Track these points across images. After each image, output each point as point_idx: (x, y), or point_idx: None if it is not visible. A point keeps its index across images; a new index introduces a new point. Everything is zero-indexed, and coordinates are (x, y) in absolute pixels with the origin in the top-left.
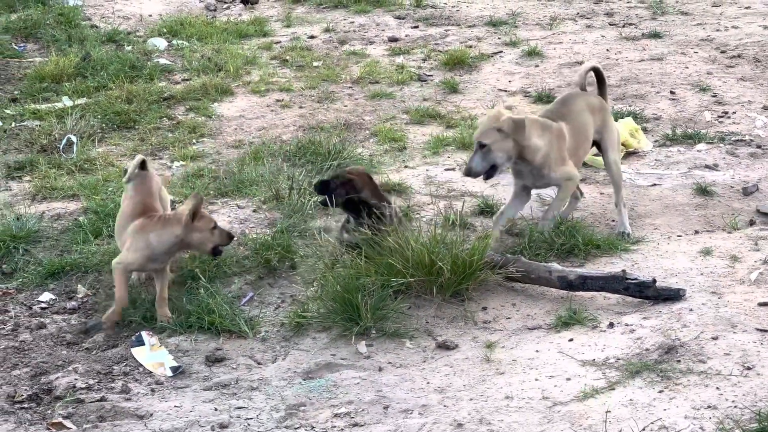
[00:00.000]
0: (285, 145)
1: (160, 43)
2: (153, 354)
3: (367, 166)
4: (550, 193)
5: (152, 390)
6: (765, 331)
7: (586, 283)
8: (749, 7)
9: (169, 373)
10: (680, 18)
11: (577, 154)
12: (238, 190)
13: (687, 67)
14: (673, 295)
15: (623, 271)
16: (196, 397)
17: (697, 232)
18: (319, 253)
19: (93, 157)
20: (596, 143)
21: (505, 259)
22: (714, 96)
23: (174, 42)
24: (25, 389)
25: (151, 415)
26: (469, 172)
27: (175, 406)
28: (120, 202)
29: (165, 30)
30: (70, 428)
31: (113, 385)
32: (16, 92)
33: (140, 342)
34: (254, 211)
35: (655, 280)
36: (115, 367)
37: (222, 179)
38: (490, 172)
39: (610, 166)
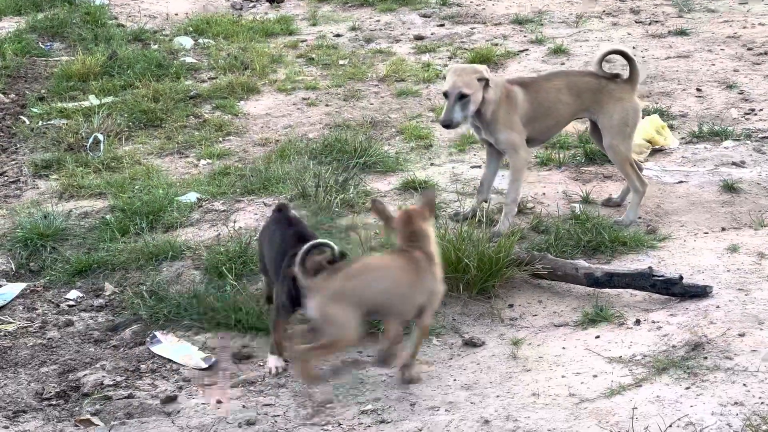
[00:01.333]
0: (311, 143)
1: (186, 41)
2: (178, 347)
3: (393, 164)
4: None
5: (180, 387)
6: None
7: (612, 280)
8: None
9: (204, 365)
10: (707, 15)
11: (535, 125)
12: (265, 187)
13: (713, 65)
14: (699, 292)
15: (650, 268)
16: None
17: (723, 229)
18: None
19: (120, 156)
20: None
21: (532, 256)
22: (741, 93)
23: (200, 40)
24: (53, 386)
25: (179, 412)
26: (450, 123)
27: (202, 403)
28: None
29: (191, 28)
30: (98, 425)
31: (140, 382)
32: (43, 91)
33: (158, 341)
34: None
35: (681, 277)
36: (142, 365)
37: (248, 177)
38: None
39: (607, 150)
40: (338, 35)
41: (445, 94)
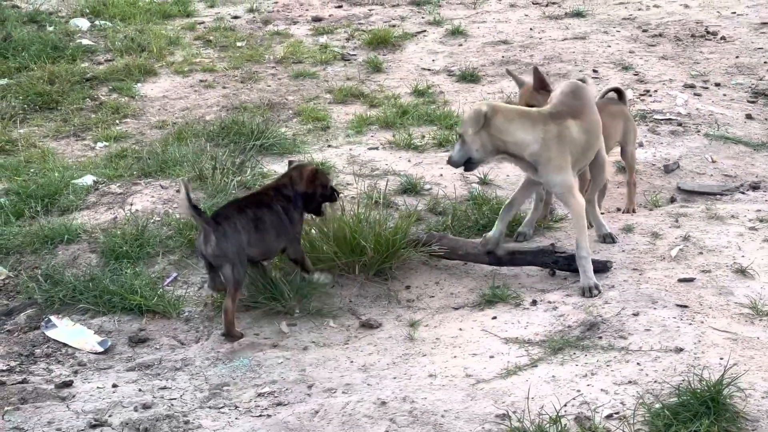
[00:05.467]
0: (208, 126)
1: (83, 23)
2: (73, 331)
3: (290, 146)
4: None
5: (75, 371)
6: (685, 306)
7: (514, 258)
8: None
9: (100, 348)
10: None
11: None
12: (162, 170)
13: (609, 46)
14: (600, 268)
15: (552, 244)
16: (120, 378)
17: (619, 209)
18: None
19: (14, 139)
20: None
21: (430, 236)
22: (636, 74)
23: (97, 22)
24: None
25: (74, 396)
26: (449, 161)
27: (97, 388)
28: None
29: (87, 10)
30: None
31: (35, 367)
32: None
33: (52, 325)
34: (177, 191)
35: None
36: (36, 350)
37: (145, 159)
38: (467, 164)
39: None
40: (236, 17)
41: None
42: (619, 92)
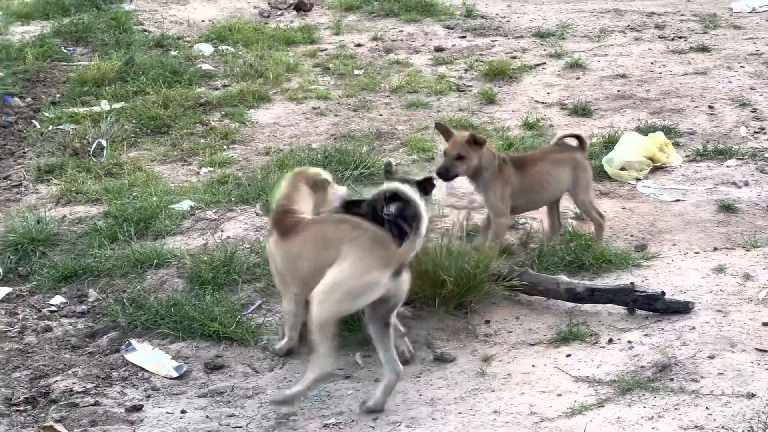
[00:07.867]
0: (312, 153)
1: (206, 48)
2: (151, 356)
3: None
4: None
5: (148, 396)
6: (764, 351)
7: (594, 296)
8: None
9: (175, 373)
10: (732, 32)
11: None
12: (260, 197)
13: (730, 82)
14: (681, 308)
15: (632, 283)
16: (190, 404)
17: (716, 249)
18: None
19: (122, 162)
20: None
21: (511, 271)
22: (753, 111)
23: (220, 48)
24: (23, 392)
25: (142, 420)
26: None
27: (166, 413)
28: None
29: (213, 36)
30: None
31: (109, 390)
32: (58, 95)
33: (132, 348)
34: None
35: (664, 293)
36: (114, 372)
37: (245, 186)
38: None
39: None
40: (359, 45)
41: None
42: (579, 139)
